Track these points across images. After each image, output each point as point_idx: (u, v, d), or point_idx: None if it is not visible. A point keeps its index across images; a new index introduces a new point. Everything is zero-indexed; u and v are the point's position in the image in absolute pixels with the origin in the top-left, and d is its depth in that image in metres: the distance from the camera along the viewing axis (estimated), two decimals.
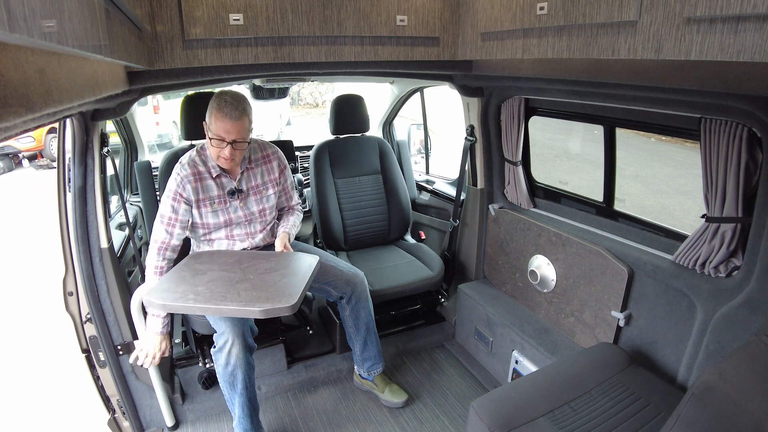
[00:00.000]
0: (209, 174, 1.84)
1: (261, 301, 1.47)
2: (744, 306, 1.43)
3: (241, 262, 1.76)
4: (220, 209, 1.87)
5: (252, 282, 1.59)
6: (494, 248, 2.48)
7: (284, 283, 1.59)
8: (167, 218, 1.80)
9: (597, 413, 1.43)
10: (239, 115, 1.70)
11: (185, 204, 1.81)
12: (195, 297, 1.51)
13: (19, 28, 0.39)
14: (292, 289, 1.53)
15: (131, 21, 1.14)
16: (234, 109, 1.69)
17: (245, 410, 1.81)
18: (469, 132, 2.42)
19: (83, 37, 0.62)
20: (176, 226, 1.81)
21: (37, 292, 3.90)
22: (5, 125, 0.44)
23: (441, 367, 2.45)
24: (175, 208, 1.80)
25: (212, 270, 1.70)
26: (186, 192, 1.80)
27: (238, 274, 1.65)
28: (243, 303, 1.47)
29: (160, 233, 1.80)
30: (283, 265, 1.73)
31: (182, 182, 1.79)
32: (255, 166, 1.94)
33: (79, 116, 1.67)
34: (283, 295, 1.51)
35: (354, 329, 2.11)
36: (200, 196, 1.83)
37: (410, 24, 1.75)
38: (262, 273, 1.66)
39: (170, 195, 1.80)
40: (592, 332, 1.95)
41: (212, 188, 1.85)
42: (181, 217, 1.81)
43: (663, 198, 5.44)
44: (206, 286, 1.58)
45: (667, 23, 1.04)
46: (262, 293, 1.52)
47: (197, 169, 1.82)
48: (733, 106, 1.33)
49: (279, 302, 1.47)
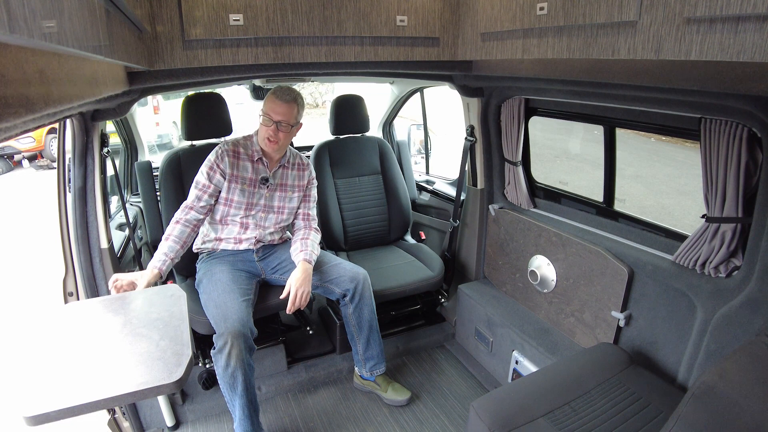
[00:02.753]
0: (248, 156, 1.99)
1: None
2: (744, 306, 1.43)
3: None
4: (248, 190, 1.99)
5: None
6: (494, 248, 2.48)
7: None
8: (201, 184, 1.94)
9: (597, 413, 1.43)
10: (289, 99, 1.89)
11: (220, 175, 1.95)
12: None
13: (19, 28, 0.39)
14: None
15: (131, 21, 1.14)
16: (286, 94, 1.89)
17: (246, 411, 1.80)
18: (469, 132, 2.42)
19: (83, 37, 0.62)
20: (206, 192, 1.94)
21: (37, 292, 3.90)
22: (5, 125, 0.44)
23: (441, 367, 2.45)
24: (210, 176, 1.94)
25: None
26: (223, 163, 1.95)
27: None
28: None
29: (191, 196, 1.95)
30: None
31: (222, 154, 1.96)
32: (290, 168, 2.09)
33: (79, 116, 1.67)
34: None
35: (357, 328, 2.11)
36: (234, 172, 1.96)
37: (410, 24, 1.75)
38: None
39: (208, 164, 1.95)
40: (592, 332, 1.95)
41: (248, 169, 1.99)
42: (214, 184, 1.94)
43: (663, 198, 5.44)
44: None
45: (667, 23, 1.04)
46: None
47: (238, 149, 1.99)
48: (733, 106, 1.33)
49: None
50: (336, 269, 2.04)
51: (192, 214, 1.91)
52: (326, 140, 2.74)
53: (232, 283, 1.88)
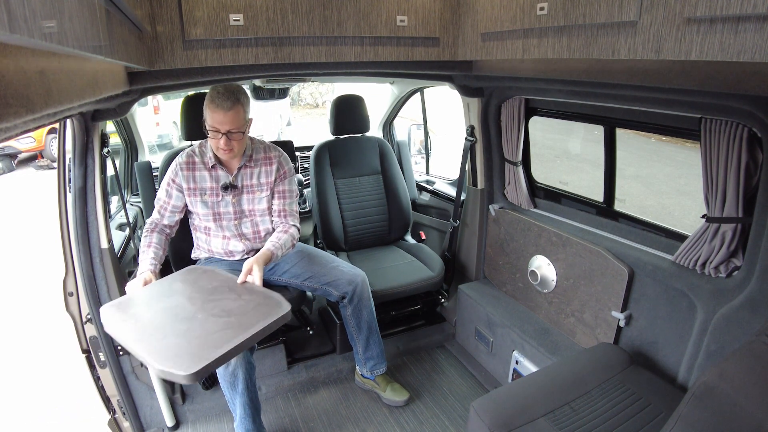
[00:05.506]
0: (204, 165, 1.91)
1: (166, 358, 1.26)
2: (744, 306, 1.43)
3: (212, 293, 1.59)
4: (210, 201, 1.92)
5: (191, 325, 1.41)
6: (494, 248, 2.48)
7: (215, 337, 1.33)
8: (162, 201, 1.92)
9: (597, 413, 1.43)
10: (231, 105, 1.73)
11: (177, 191, 1.91)
12: (131, 327, 1.42)
13: (19, 28, 0.39)
14: (207, 353, 1.26)
15: (131, 21, 1.14)
16: (225, 99, 1.72)
17: (247, 410, 1.80)
18: (470, 132, 2.42)
19: (83, 37, 0.62)
20: (167, 209, 1.92)
21: (37, 292, 3.90)
22: (5, 126, 0.44)
23: (441, 367, 2.45)
24: (169, 193, 1.91)
25: (180, 294, 1.59)
26: (178, 178, 1.90)
27: (191, 310, 1.49)
28: (152, 354, 1.29)
29: (153, 214, 1.93)
30: (242, 309, 1.49)
31: (175, 169, 1.90)
32: (254, 165, 1.95)
33: (80, 117, 1.67)
34: (193, 356, 1.26)
35: (356, 329, 2.11)
36: (191, 185, 1.91)
37: (410, 24, 1.75)
38: (213, 315, 1.45)
39: (166, 180, 1.93)
40: (593, 332, 1.95)
41: (205, 179, 1.91)
42: (173, 201, 1.91)
43: (663, 198, 5.44)
44: (153, 315, 1.48)
45: (667, 23, 1.04)
46: (183, 344, 1.32)
47: (192, 159, 1.92)
48: (733, 106, 1.32)
49: (176, 366, 1.22)
50: (334, 271, 2.03)
51: (157, 234, 1.86)
52: (326, 140, 2.74)
53: None
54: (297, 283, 2.04)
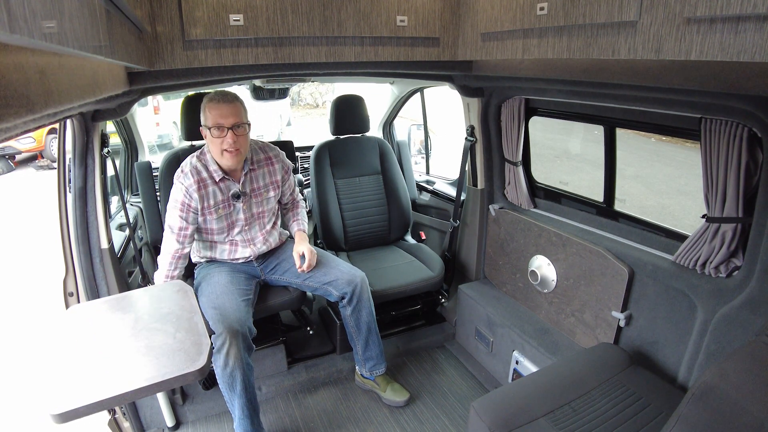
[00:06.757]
0: (212, 179, 1.87)
1: (55, 385, 1.10)
2: (744, 306, 1.43)
3: (159, 319, 1.38)
4: (225, 213, 1.91)
5: (109, 353, 1.24)
6: (494, 248, 2.48)
7: (111, 379, 1.14)
8: (177, 229, 1.84)
9: (597, 414, 1.43)
10: (232, 98, 1.78)
11: (193, 214, 1.85)
12: (74, 334, 1.28)
13: (19, 29, 0.39)
14: (87, 395, 1.08)
15: (131, 22, 1.14)
16: (225, 96, 1.78)
17: (245, 411, 1.80)
18: (470, 132, 2.42)
19: (83, 37, 0.62)
20: (188, 237, 1.86)
21: (37, 292, 3.90)
22: (6, 126, 0.44)
23: (441, 367, 2.45)
24: (185, 218, 1.84)
25: (135, 311, 1.43)
26: (194, 201, 1.84)
27: (126, 334, 1.30)
28: (54, 374, 1.14)
29: (172, 244, 1.85)
30: (161, 351, 1.23)
31: (188, 192, 1.83)
32: (257, 168, 1.97)
33: (80, 117, 1.67)
34: (74, 392, 1.09)
35: (355, 329, 2.11)
36: (206, 204, 1.86)
37: (410, 24, 1.75)
38: (135, 348, 1.25)
39: (177, 206, 1.83)
40: (593, 332, 1.95)
41: (217, 193, 1.88)
42: (191, 226, 1.86)
43: (663, 198, 5.44)
44: (95, 329, 1.33)
45: (667, 23, 1.04)
46: (80, 373, 1.15)
47: (200, 176, 1.86)
48: (733, 106, 1.33)
49: (52, 399, 1.05)
50: (334, 271, 2.04)
51: (181, 263, 1.88)
52: (326, 140, 2.74)
53: (230, 284, 1.88)
54: (297, 282, 2.04)
